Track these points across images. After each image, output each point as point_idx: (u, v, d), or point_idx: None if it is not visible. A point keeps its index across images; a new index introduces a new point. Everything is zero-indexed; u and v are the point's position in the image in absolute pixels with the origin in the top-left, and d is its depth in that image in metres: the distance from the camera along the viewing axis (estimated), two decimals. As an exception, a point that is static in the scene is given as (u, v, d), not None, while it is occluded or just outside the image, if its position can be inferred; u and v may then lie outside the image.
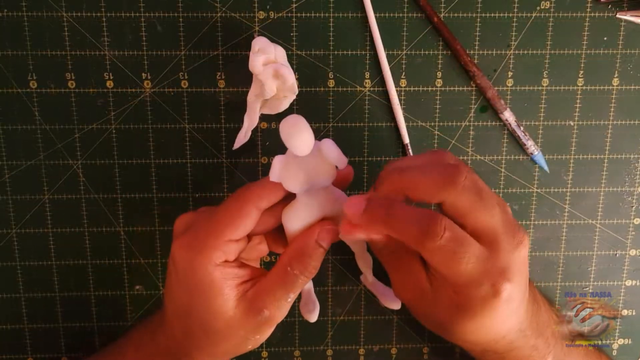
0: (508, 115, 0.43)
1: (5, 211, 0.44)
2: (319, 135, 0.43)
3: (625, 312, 0.47)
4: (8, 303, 0.45)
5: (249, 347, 0.34)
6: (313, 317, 0.37)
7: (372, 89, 0.43)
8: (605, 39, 0.43)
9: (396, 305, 0.37)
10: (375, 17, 0.42)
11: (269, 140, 0.44)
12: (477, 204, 0.30)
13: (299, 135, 0.30)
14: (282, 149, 0.43)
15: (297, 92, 0.41)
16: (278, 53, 0.40)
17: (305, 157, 0.31)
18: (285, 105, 0.41)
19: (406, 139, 0.43)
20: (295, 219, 0.33)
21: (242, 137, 0.42)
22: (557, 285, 0.46)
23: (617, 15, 0.42)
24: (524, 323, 0.34)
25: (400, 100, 0.43)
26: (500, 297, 0.30)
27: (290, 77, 0.39)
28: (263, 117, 0.43)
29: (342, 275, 0.46)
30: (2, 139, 0.43)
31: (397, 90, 0.43)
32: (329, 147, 0.31)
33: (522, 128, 0.43)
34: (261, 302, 0.32)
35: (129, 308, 0.46)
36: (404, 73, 0.43)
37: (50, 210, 0.44)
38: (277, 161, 0.31)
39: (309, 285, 0.37)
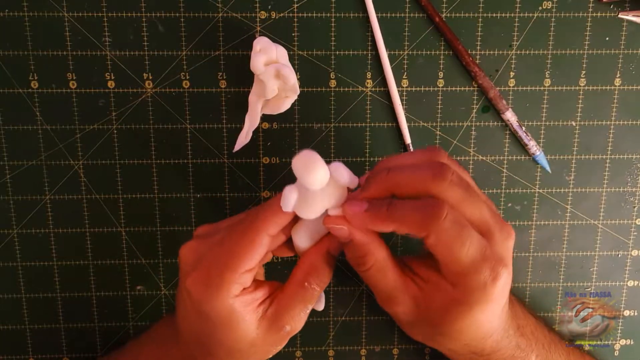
0: (510, 116, 0.43)
1: (6, 211, 0.44)
2: (320, 136, 0.43)
3: (627, 312, 0.47)
4: (9, 303, 0.45)
5: (269, 356, 0.35)
6: (320, 306, 0.37)
7: (373, 89, 0.43)
8: (607, 39, 0.42)
9: None
10: (377, 17, 0.42)
11: (270, 141, 0.44)
12: (466, 199, 0.31)
13: (314, 173, 0.29)
14: (283, 149, 0.43)
15: (298, 92, 0.41)
16: (279, 53, 0.40)
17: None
18: (286, 105, 0.41)
19: (408, 139, 0.43)
20: (307, 237, 0.33)
21: (243, 138, 0.42)
22: (559, 286, 0.46)
23: (619, 15, 0.42)
24: (507, 321, 0.35)
25: (402, 100, 0.43)
26: (497, 283, 0.31)
27: (292, 77, 0.39)
28: (264, 118, 0.43)
29: (344, 276, 0.46)
30: (3, 139, 0.43)
31: (398, 91, 0.43)
32: (341, 173, 0.31)
33: (524, 128, 0.43)
34: (282, 320, 0.33)
35: (131, 308, 0.46)
36: (405, 73, 0.43)
37: (52, 211, 0.44)
38: (289, 192, 0.31)
39: None
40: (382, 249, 0.32)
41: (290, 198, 0.31)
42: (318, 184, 0.30)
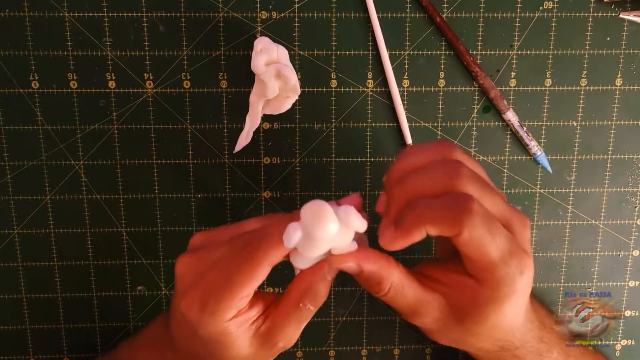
0: (511, 116, 0.43)
1: (7, 212, 0.44)
2: (321, 136, 0.43)
3: (628, 313, 0.47)
4: (10, 304, 0.45)
5: None
6: None
7: (374, 89, 0.43)
8: (608, 39, 0.42)
9: None
10: (378, 17, 0.42)
11: (271, 141, 0.43)
12: (484, 193, 0.30)
13: (324, 226, 0.28)
14: (283, 149, 0.43)
15: (299, 93, 0.41)
16: (280, 53, 0.40)
17: None
18: (287, 105, 0.41)
19: (409, 140, 0.43)
20: (305, 261, 0.32)
21: (244, 139, 0.42)
22: (560, 286, 0.46)
23: (620, 15, 0.42)
24: (530, 313, 0.34)
25: (402, 100, 0.43)
26: (526, 275, 0.30)
27: (293, 77, 0.39)
28: (265, 118, 0.43)
29: (345, 276, 0.46)
30: (4, 140, 0.43)
31: (399, 91, 0.43)
32: (351, 219, 0.29)
33: (525, 128, 0.43)
34: (275, 337, 0.32)
35: (131, 309, 0.46)
36: (406, 73, 0.43)
37: (52, 211, 0.44)
38: (293, 231, 0.29)
39: None
40: (395, 270, 0.31)
41: (293, 237, 0.29)
42: (326, 237, 0.29)
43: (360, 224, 0.30)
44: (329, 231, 0.29)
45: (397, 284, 0.31)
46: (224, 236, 0.34)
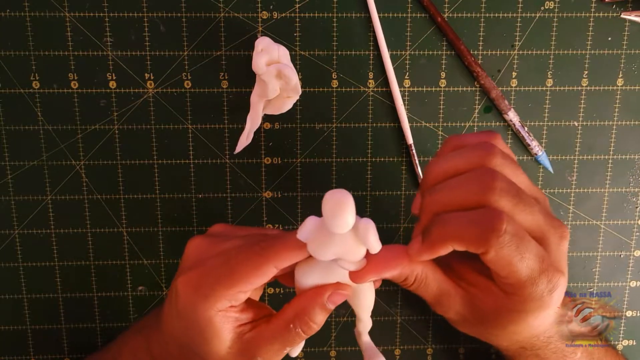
0: (512, 116, 0.43)
1: (7, 212, 0.44)
2: (322, 136, 0.43)
3: (629, 313, 0.47)
4: (11, 304, 0.45)
5: None
6: (294, 352, 0.35)
7: (375, 89, 0.43)
8: (609, 39, 0.42)
9: None
10: (379, 17, 0.41)
11: (272, 141, 0.43)
12: (518, 206, 0.29)
13: (342, 216, 0.27)
14: (284, 149, 0.43)
15: (300, 93, 0.40)
16: (281, 53, 0.40)
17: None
18: (288, 105, 0.41)
19: (410, 140, 0.43)
20: (310, 277, 0.32)
21: (244, 140, 0.42)
22: (561, 286, 0.46)
23: (622, 15, 0.42)
24: (557, 316, 0.34)
25: (404, 100, 0.43)
26: (556, 293, 0.30)
27: (294, 78, 0.39)
28: (266, 118, 0.43)
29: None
30: (5, 140, 0.43)
31: (400, 91, 0.43)
32: (367, 232, 0.29)
33: (526, 128, 0.43)
34: (256, 351, 0.32)
35: (132, 309, 0.46)
36: (407, 73, 0.43)
37: (53, 211, 0.44)
38: (310, 223, 0.29)
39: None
40: (417, 264, 0.31)
41: (309, 227, 0.29)
42: (343, 228, 0.28)
43: (375, 243, 0.29)
44: (346, 222, 0.28)
45: (421, 276, 0.31)
46: (243, 232, 0.34)
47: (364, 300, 0.33)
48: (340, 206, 0.27)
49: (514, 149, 0.44)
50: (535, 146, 0.43)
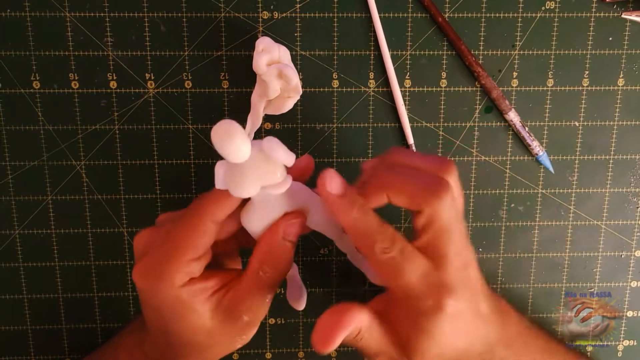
0: (513, 116, 0.43)
1: (8, 212, 0.44)
2: (322, 136, 0.43)
3: (630, 313, 0.47)
4: (11, 304, 0.45)
5: (237, 346, 0.34)
6: (301, 305, 0.35)
7: (376, 89, 0.43)
8: (610, 39, 0.42)
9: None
10: (380, 17, 0.41)
11: (272, 141, 0.43)
12: (458, 200, 0.31)
13: (230, 142, 0.27)
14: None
15: (301, 93, 0.41)
16: (282, 53, 0.40)
17: (248, 160, 0.28)
18: (289, 105, 0.41)
19: (411, 140, 0.43)
20: (255, 221, 0.31)
21: (245, 140, 0.42)
22: (562, 287, 0.46)
23: (623, 16, 0.42)
24: (490, 336, 0.33)
25: (404, 100, 0.43)
26: (444, 312, 0.29)
27: (295, 78, 0.39)
28: (267, 118, 0.43)
29: (346, 276, 0.46)
30: (5, 140, 0.43)
31: (401, 91, 0.43)
32: (271, 148, 0.28)
33: (527, 128, 0.43)
34: (238, 310, 0.31)
35: (132, 309, 0.46)
36: (408, 73, 0.43)
37: (54, 211, 0.44)
38: (219, 167, 0.29)
39: (292, 270, 0.35)
40: (365, 314, 0.30)
41: (220, 173, 0.29)
42: (237, 155, 0.27)
43: (285, 155, 0.29)
44: (237, 148, 0.27)
45: (364, 331, 0.31)
46: (182, 212, 0.33)
47: (324, 222, 0.32)
48: (227, 134, 0.27)
49: (515, 149, 0.44)
50: (536, 146, 0.43)
